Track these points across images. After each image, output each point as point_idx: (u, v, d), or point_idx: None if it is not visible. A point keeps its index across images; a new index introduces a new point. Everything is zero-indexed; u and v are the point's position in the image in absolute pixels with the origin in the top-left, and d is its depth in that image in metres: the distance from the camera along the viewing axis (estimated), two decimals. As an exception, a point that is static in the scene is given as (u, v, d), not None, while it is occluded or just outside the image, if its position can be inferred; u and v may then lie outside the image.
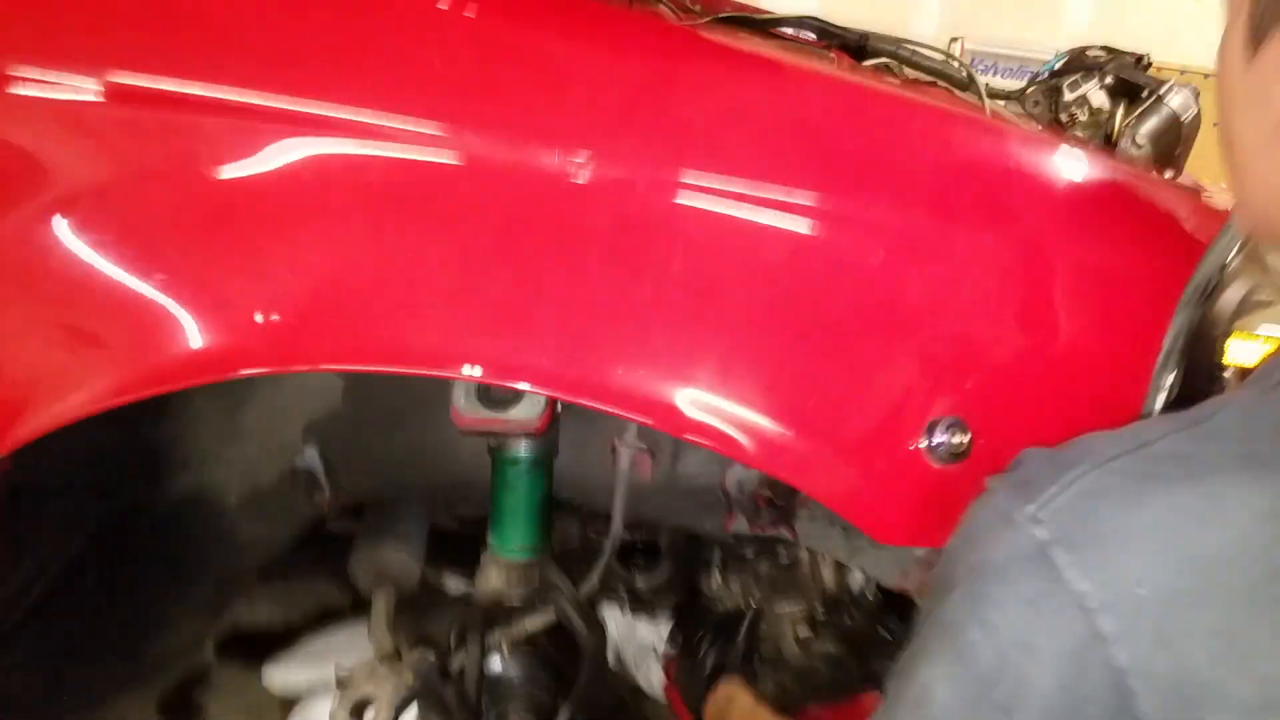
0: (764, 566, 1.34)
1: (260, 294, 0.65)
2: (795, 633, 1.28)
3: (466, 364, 0.69)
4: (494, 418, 0.85)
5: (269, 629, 1.86)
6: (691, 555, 1.47)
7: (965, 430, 0.67)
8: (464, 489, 1.16)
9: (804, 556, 1.31)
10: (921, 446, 0.68)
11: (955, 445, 0.67)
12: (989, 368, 0.70)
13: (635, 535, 1.48)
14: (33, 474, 0.72)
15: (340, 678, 0.85)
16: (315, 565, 1.90)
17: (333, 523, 1.49)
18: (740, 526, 1.19)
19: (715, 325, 0.68)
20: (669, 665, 1.82)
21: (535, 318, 0.68)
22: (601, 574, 1.15)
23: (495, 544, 1.02)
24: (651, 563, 1.50)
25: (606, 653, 1.14)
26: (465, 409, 0.85)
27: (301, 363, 0.67)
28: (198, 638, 1.23)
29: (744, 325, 0.68)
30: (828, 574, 1.29)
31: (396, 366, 0.70)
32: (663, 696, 1.80)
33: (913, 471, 0.67)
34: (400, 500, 1.31)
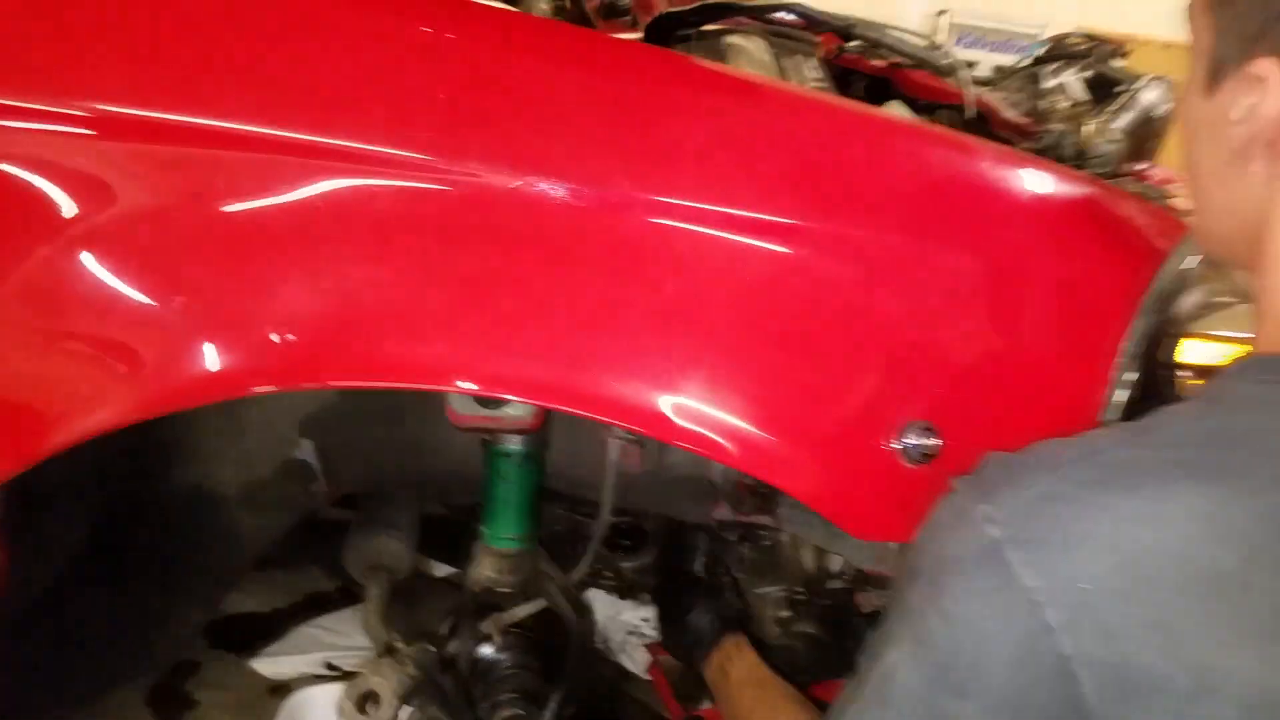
0: (745, 550, 1.38)
1: (272, 317, 0.68)
2: (776, 614, 1.31)
3: (460, 379, 0.72)
4: (489, 416, 0.88)
5: (258, 617, 1.90)
6: (676, 540, 1.52)
7: (935, 433, 0.71)
8: (456, 480, 1.19)
9: (784, 540, 1.35)
10: (894, 448, 0.71)
11: (926, 447, 0.70)
12: (958, 375, 0.74)
13: (621, 520, 1.51)
14: (38, 470, 0.74)
15: (346, 672, 0.88)
16: (304, 554, 1.93)
17: (325, 511, 1.52)
18: (724, 514, 1.23)
19: (699, 338, 0.71)
20: (653, 647, 1.86)
21: (526, 334, 0.72)
22: (590, 560, 1.19)
23: (487, 533, 1.05)
24: (637, 547, 1.54)
25: (594, 639, 1.17)
26: (461, 409, 0.88)
27: (310, 381, 0.70)
28: (196, 629, 1.25)
29: (726, 338, 0.71)
30: (807, 558, 1.33)
31: (396, 382, 0.73)
32: (647, 676, 1.85)
33: (886, 472, 0.71)
34: (392, 490, 1.34)
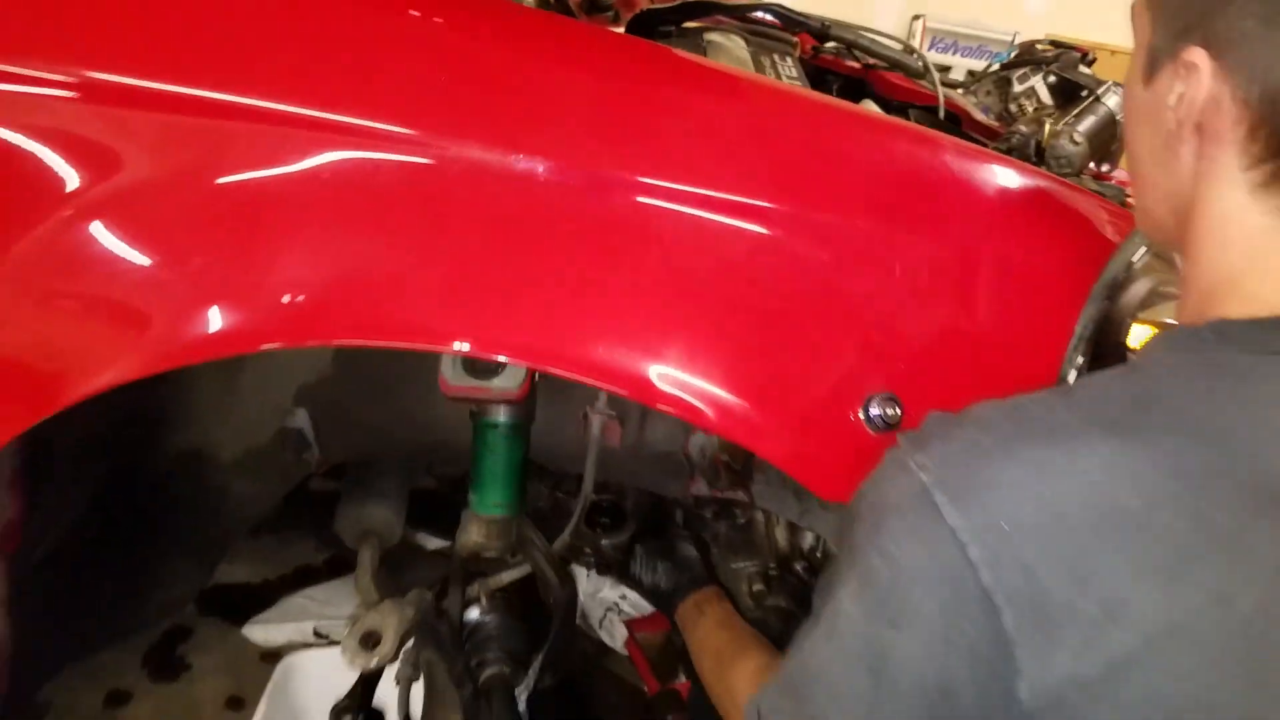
0: (722, 527, 1.43)
1: (282, 279, 0.72)
2: (750, 588, 1.35)
3: (456, 340, 0.76)
4: (478, 386, 0.92)
5: (249, 588, 1.95)
6: (654, 518, 1.56)
7: (898, 404, 0.76)
8: (444, 451, 1.24)
9: (759, 518, 1.40)
10: (860, 417, 0.77)
11: (889, 416, 0.76)
12: (919, 351, 0.79)
13: (601, 497, 1.56)
14: (44, 434, 0.78)
15: (353, 614, 0.93)
16: (294, 524, 1.98)
17: (316, 483, 1.56)
18: (701, 489, 1.28)
19: (681, 310, 0.76)
20: (632, 624, 1.91)
21: (519, 301, 0.76)
22: (571, 532, 1.24)
23: (475, 501, 1.08)
24: (616, 524, 1.59)
25: (577, 603, 1.22)
26: (452, 378, 0.92)
27: (316, 339, 0.74)
28: (191, 589, 1.30)
29: (706, 310, 0.76)
30: (781, 535, 1.38)
31: (396, 341, 0.77)
32: (625, 652, 1.90)
33: (852, 438, 0.76)
34: (382, 460, 1.38)
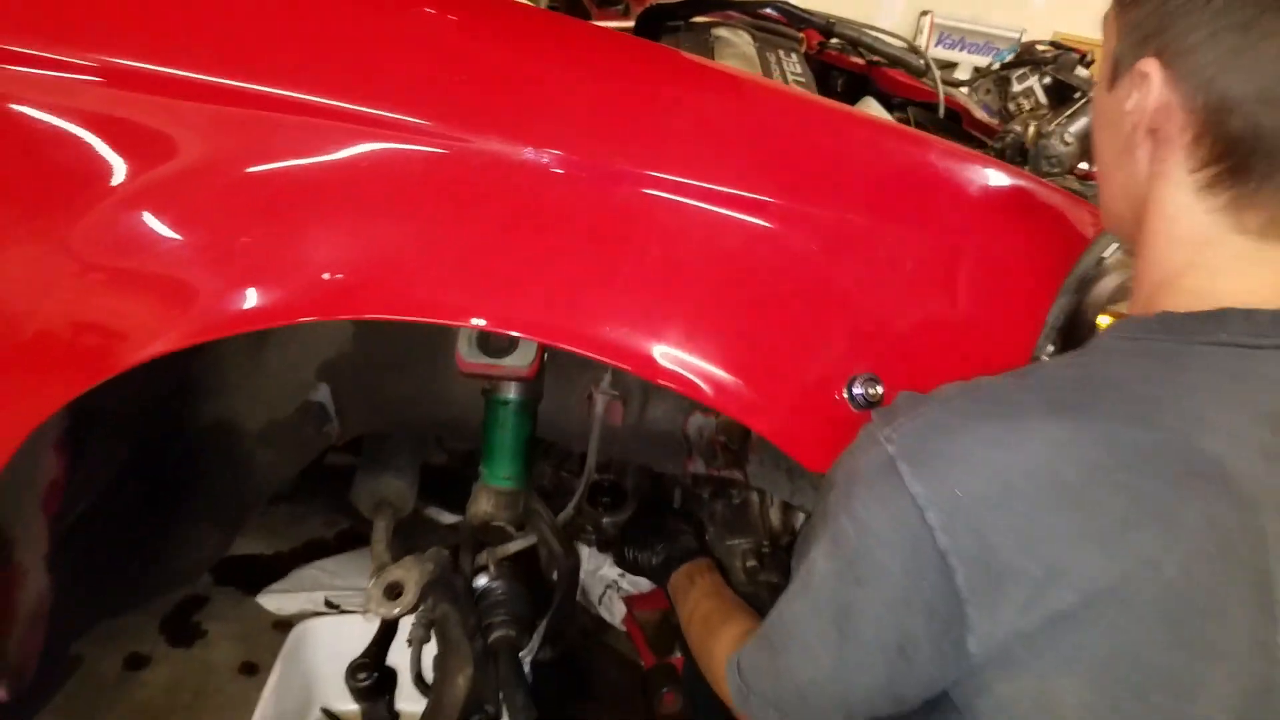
0: (718, 506, 1.49)
1: (317, 257, 0.79)
2: (744, 564, 1.40)
3: (474, 316, 0.82)
4: (492, 364, 0.98)
5: (261, 559, 2.02)
6: (654, 498, 1.62)
7: (879, 384, 0.82)
8: (457, 426, 1.30)
9: (754, 498, 1.46)
10: (844, 396, 0.83)
11: (870, 395, 0.82)
12: (901, 335, 0.85)
13: (603, 477, 1.62)
14: (85, 402, 0.84)
15: (376, 566, 1.00)
16: (306, 500, 2.05)
17: (333, 457, 1.63)
18: (698, 468, 1.34)
19: (682, 294, 0.82)
20: (630, 600, 1.98)
21: (533, 283, 0.82)
22: (576, 506, 1.30)
23: (486, 474, 1.13)
24: (617, 503, 1.64)
25: (580, 572, 1.28)
26: (467, 355, 0.98)
27: (346, 313, 0.81)
28: (216, 553, 1.36)
29: (705, 295, 0.82)
30: (774, 514, 1.44)
31: (419, 316, 0.82)
32: (623, 628, 1.96)
33: (837, 415, 0.82)
34: (396, 435, 1.45)
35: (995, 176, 0.91)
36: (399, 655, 1.17)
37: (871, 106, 1.56)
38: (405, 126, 0.81)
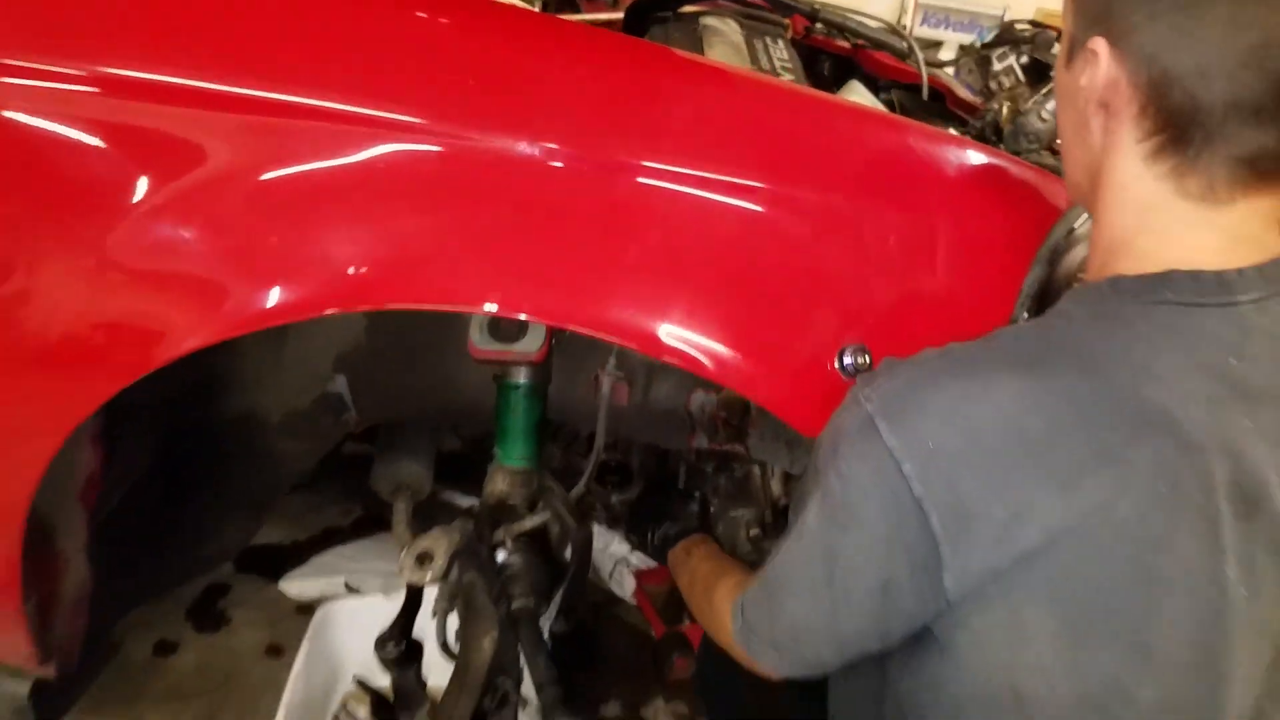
0: (721, 480, 1.54)
1: (340, 254, 0.84)
2: (747, 533, 1.44)
3: (487, 301, 0.88)
4: (503, 349, 1.03)
5: (280, 548, 2.08)
6: (659, 475, 1.68)
7: (868, 354, 0.88)
8: (469, 412, 1.35)
9: (755, 471, 1.51)
10: (836, 366, 0.89)
11: (861, 364, 0.88)
12: (887, 308, 0.91)
13: (610, 456, 1.68)
14: (118, 397, 0.89)
15: (400, 545, 1.05)
16: (323, 489, 2.11)
17: (349, 446, 1.68)
18: (701, 443, 1.39)
19: (683, 276, 0.88)
20: (639, 575, 2.03)
21: (542, 269, 0.88)
22: (586, 484, 1.35)
23: (500, 455, 1.18)
24: (624, 481, 1.70)
25: (592, 544, 1.33)
26: (480, 342, 1.03)
27: (369, 304, 0.86)
28: (242, 539, 1.42)
29: (704, 276, 0.88)
30: (775, 485, 1.50)
31: (436, 303, 0.88)
32: (633, 601, 2.02)
33: (829, 383, 0.88)
34: (412, 422, 1.50)
35: (971, 156, 0.97)
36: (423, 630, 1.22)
37: (857, 90, 1.61)
38: (416, 128, 0.86)
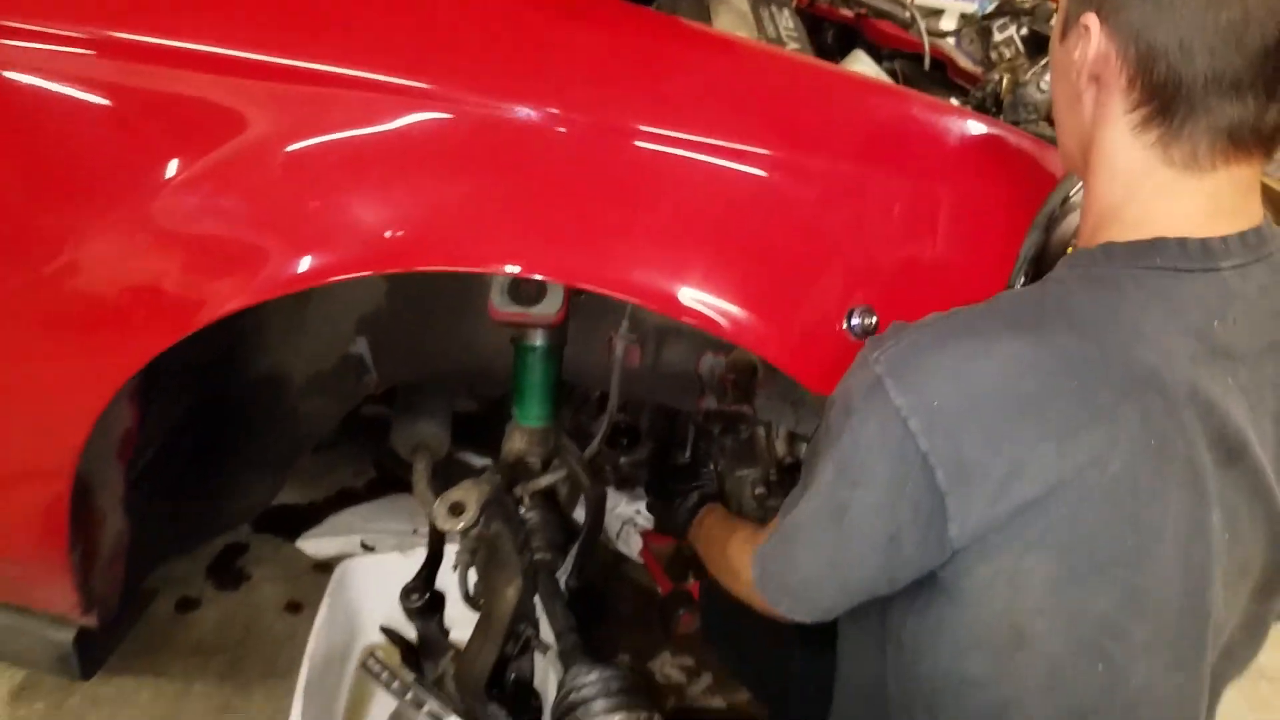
0: (728, 441, 1.59)
1: (373, 218, 0.89)
2: (753, 491, 1.50)
3: (510, 263, 0.92)
4: (522, 311, 1.06)
5: (296, 509, 2.13)
6: (667, 436, 1.72)
7: (874, 315, 0.93)
8: (486, 374, 1.39)
9: (760, 432, 1.56)
10: (845, 327, 0.93)
11: (867, 325, 0.92)
12: (892, 271, 0.95)
13: (620, 418, 1.72)
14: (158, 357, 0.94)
15: (421, 501, 1.10)
16: (339, 450, 2.16)
17: (368, 408, 1.73)
18: (710, 404, 1.43)
19: (698, 239, 0.92)
20: (646, 534, 2.09)
21: (563, 231, 0.92)
22: (598, 445, 1.39)
23: (518, 415, 1.22)
24: (633, 443, 1.75)
25: (606, 500, 1.38)
26: (500, 305, 1.06)
27: (400, 266, 0.90)
28: (266, 496, 1.47)
29: (718, 239, 0.92)
30: (780, 445, 1.54)
31: (461, 265, 0.93)
32: (640, 560, 2.08)
33: (836, 343, 0.93)
34: (430, 383, 1.55)
35: (971, 127, 1.01)
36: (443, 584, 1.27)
37: (861, 59, 1.64)
38: (446, 96, 0.89)
